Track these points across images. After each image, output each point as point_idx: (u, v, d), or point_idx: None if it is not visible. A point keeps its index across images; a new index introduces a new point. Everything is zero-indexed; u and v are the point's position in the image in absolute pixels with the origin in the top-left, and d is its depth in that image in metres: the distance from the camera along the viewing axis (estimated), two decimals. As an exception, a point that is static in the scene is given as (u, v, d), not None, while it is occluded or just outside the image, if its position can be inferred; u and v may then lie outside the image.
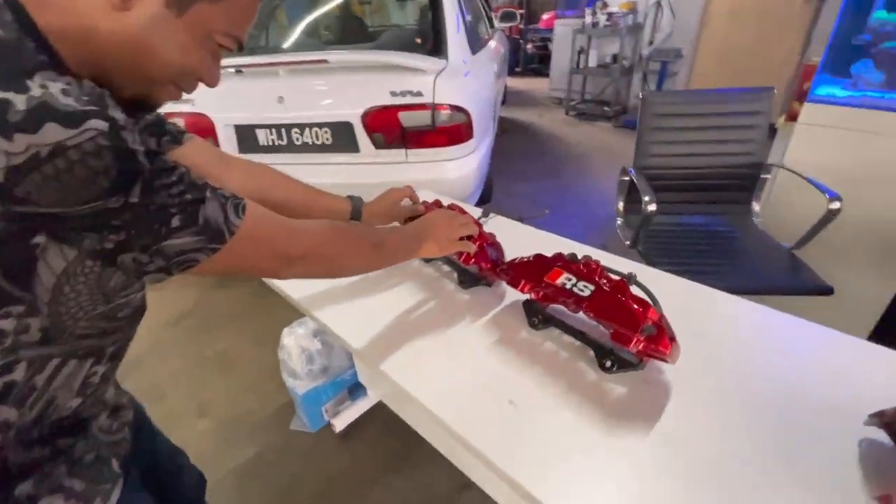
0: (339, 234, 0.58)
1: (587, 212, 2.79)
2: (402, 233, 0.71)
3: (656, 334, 0.59)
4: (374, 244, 0.64)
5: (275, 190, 0.75)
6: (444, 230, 0.76)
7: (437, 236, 0.75)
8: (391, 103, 1.69)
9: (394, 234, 0.69)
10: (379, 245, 0.64)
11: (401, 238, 0.70)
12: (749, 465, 0.56)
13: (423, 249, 0.74)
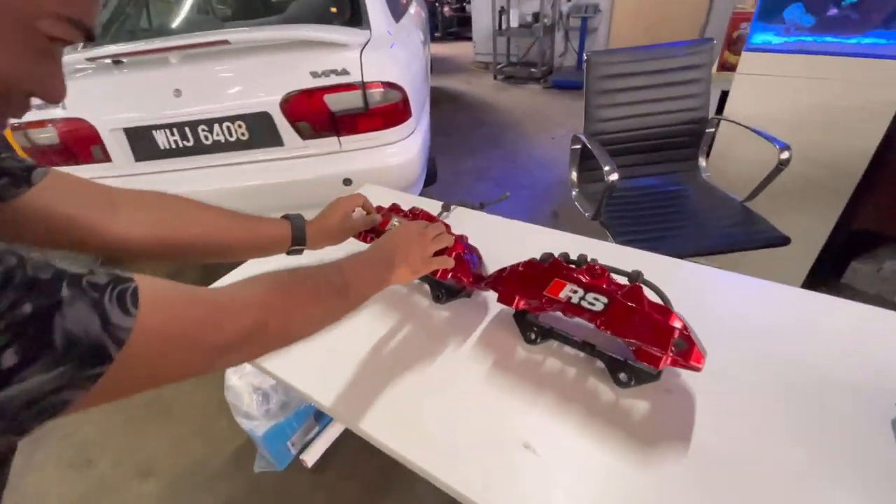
0: (286, 293, 0.42)
1: (534, 180, 2.73)
2: (365, 263, 0.56)
3: (687, 347, 0.50)
4: (336, 291, 0.49)
5: (185, 227, 0.56)
6: (416, 249, 0.62)
7: (409, 258, 0.61)
8: (314, 86, 1.47)
9: (357, 268, 0.54)
10: (342, 290, 0.49)
11: (366, 270, 0.55)
12: (791, 463, 0.50)
13: (395, 276, 0.60)
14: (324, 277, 0.48)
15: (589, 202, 1.51)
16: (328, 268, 0.50)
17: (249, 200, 1.62)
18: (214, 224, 0.59)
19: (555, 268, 0.60)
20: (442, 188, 2.58)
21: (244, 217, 0.63)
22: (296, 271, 0.46)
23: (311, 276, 0.47)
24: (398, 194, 1.22)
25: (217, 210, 0.61)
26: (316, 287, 0.46)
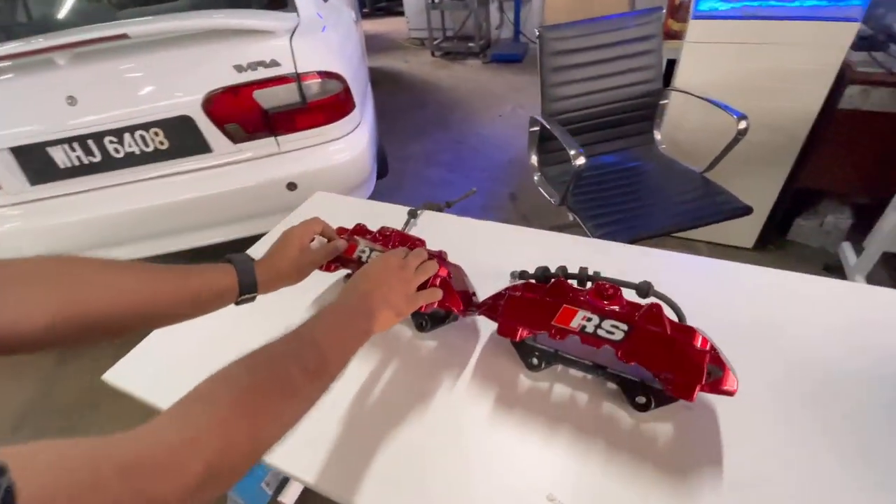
0: (249, 402, 0.32)
1: (486, 161, 2.66)
2: (341, 320, 0.45)
3: (721, 374, 0.45)
4: (312, 373, 0.38)
5: (96, 299, 0.42)
6: (398, 286, 0.52)
7: (391, 299, 0.51)
8: (239, 81, 1.29)
9: (333, 331, 0.43)
10: (319, 368, 0.39)
11: (343, 329, 0.45)
12: (832, 467, 0.47)
13: (377, 325, 0.49)
14: (295, 360, 0.37)
15: (553, 186, 1.46)
16: (298, 342, 0.39)
17: (178, 219, 1.42)
18: (135, 287, 0.46)
19: (559, 289, 0.53)
20: (393, 179, 2.45)
21: (173, 270, 0.50)
22: (255, 362, 0.35)
23: (278, 365, 0.36)
24: (355, 203, 1.10)
25: (136, 267, 0.47)
26: (287, 378, 0.36)
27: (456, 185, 2.48)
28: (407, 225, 0.90)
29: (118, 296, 0.44)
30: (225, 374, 0.33)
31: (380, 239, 0.65)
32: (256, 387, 0.33)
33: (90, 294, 0.43)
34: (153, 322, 0.48)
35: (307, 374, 0.37)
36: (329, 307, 0.47)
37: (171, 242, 1.47)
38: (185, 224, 1.44)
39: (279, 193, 1.43)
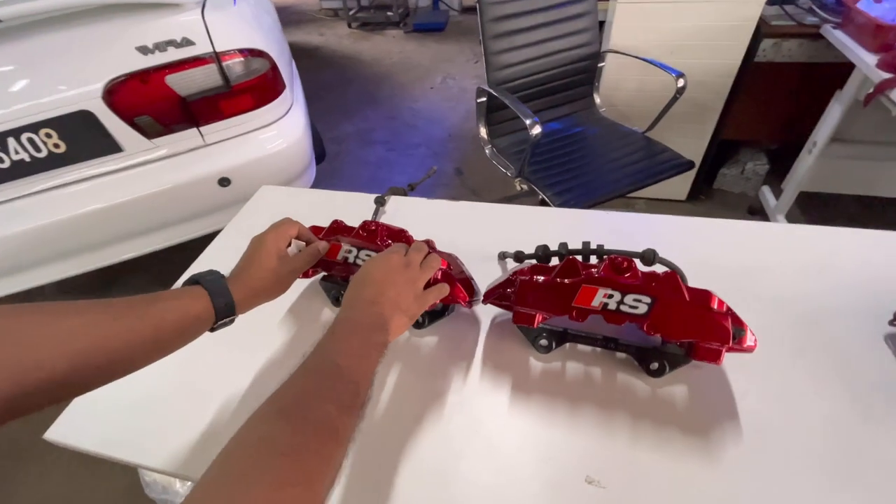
0: (293, 456, 0.26)
1: (424, 137, 2.58)
2: (357, 336, 0.40)
3: (744, 333, 0.46)
4: (347, 401, 0.33)
5: (39, 359, 0.33)
6: (405, 288, 0.46)
7: (401, 302, 0.45)
8: (147, 66, 1.11)
9: (356, 352, 0.37)
10: (352, 394, 0.33)
11: (362, 347, 0.39)
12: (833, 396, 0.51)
13: (393, 333, 0.44)
14: (330, 399, 0.31)
15: (505, 158, 1.44)
16: (324, 375, 0.33)
17: (88, 235, 1.22)
18: (86, 335, 0.36)
19: (571, 268, 0.50)
20: (328, 163, 2.30)
21: (131, 304, 0.41)
22: (287, 413, 0.29)
23: (315, 411, 0.30)
24: (308, 195, 1.00)
25: (84, 309, 0.38)
26: (328, 422, 0.30)
27: (397, 164, 2.39)
28: (376, 214, 0.84)
29: (67, 349, 0.35)
30: (256, 437, 0.26)
31: (364, 235, 0.58)
32: (299, 445, 0.27)
33: (30, 356, 0.33)
34: (113, 373, 0.39)
35: (345, 410, 0.32)
36: (340, 324, 0.41)
37: (86, 261, 1.26)
38: (100, 238, 1.24)
39: (211, 191, 1.28)
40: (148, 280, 1.77)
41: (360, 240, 0.57)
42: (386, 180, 2.28)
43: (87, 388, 0.37)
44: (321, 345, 0.38)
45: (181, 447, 0.54)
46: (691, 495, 0.46)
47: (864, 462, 0.47)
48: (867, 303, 0.61)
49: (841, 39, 1.29)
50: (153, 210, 1.23)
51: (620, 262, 0.49)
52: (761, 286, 0.66)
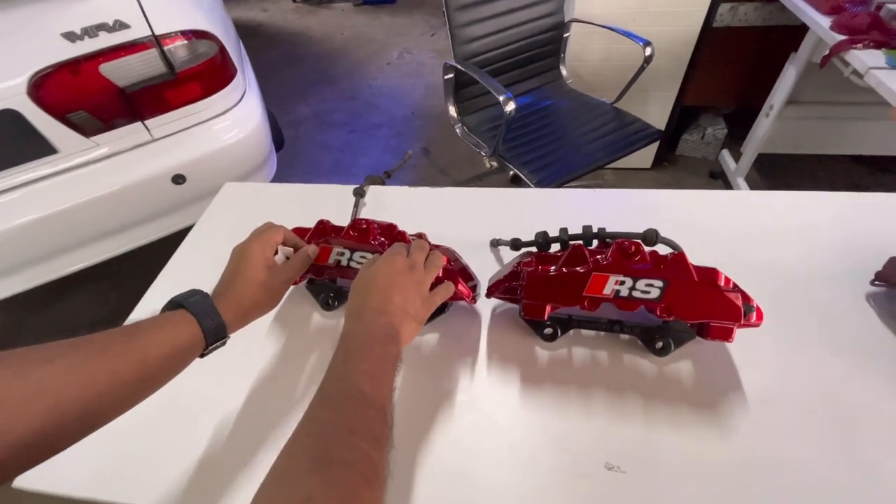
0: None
1: (386, 116, 2.49)
2: (372, 352, 0.37)
3: (754, 309, 0.46)
4: (377, 431, 0.30)
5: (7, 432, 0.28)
6: (412, 291, 0.43)
7: (409, 308, 0.42)
8: (76, 54, 0.98)
9: (371, 370, 0.35)
10: (381, 421, 0.31)
11: (380, 363, 0.36)
12: (824, 357, 0.54)
13: (404, 341, 0.42)
14: (361, 433, 0.28)
15: (477, 136, 1.40)
16: (349, 403, 0.30)
17: (27, 248, 1.10)
18: (60, 385, 0.31)
19: (578, 256, 0.49)
20: (287, 150, 2.18)
21: (109, 342, 0.36)
22: (317, 453, 0.26)
23: (349, 451, 0.27)
24: (278, 191, 0.93)
25: (55, 354, 0.32)
26: (365, 460, 0.27)
27: (360, 147, 2.30)
28: (357, 207, 0.79)
29: (43, 401, 0.30)
30: (288, 491, 0.23)
31: (355, 235, 0.54)
32: (339, 496, 0.24)
33: (13, 414, 0.28)
34: (98, 420, 0.34)
35: (378, 443, 0.29)
36: (352, 340, 0.37)
37: (29, 276, 1.14)
38: (42, 251, 1.12)
39: (164, 190, 1.18)
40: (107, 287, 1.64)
41: (351, 240, 0.53)
42: (350, 165, 2.19)
43: (69, 443, 0.32)
44: (337, 368, 0.34)
45: (174, 480, 0.50)
46: (709, 469, 0.46)
47: (859, 418, 0.49)
48: (847, 264, 0.64)
49: (795, 2, 1.32)
50: (102, 215, 1.12)
51: (628, 246, 0.48)
52: (745, 254, 0.67)
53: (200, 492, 0.49)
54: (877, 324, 0.58)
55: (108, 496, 0.50)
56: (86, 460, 0.52)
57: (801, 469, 0.46)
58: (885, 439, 0.48)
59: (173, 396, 0.47)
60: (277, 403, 0.56)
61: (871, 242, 0.64)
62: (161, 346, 0.38)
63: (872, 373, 0.53)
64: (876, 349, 0.55)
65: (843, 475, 0.45)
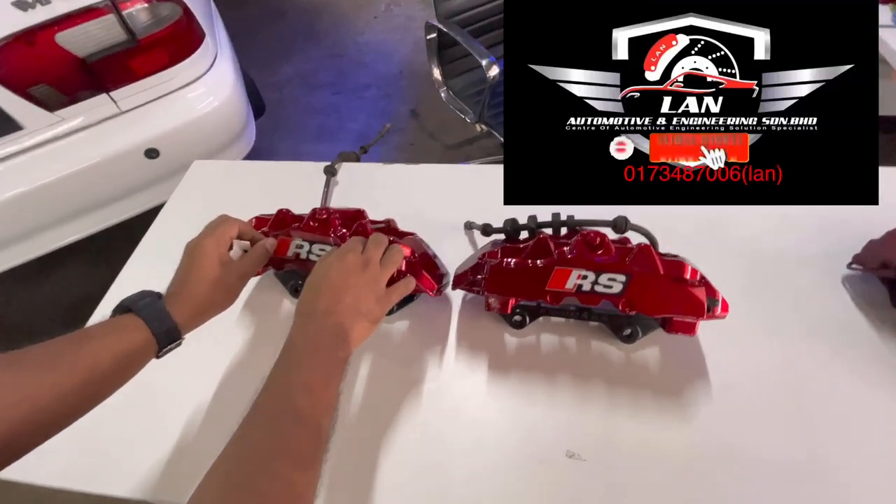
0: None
1: (373, 76, 2.38)
2: (315, 359, 0.36)
3: (718, 303, 0.45)
4: (305, 454, 0.30)
5: None
6: (365, 289, 0.42)
7: (362, 307, 0.42)
8: (29, 24, 0.92)
9: (311, 381, 0.34)
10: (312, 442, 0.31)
11: (321, 369, 0.36)
12: (796, 343, 0.54)
13: (355, 342, 0.41)
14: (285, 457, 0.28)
15: (462, 101, 1.34)
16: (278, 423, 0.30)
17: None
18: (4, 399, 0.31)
19: (542, 248, 0.48)
20: (271, 115, 2.11)
21: (54, 352, 0.35)
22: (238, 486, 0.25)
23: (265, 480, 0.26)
24: (248, 168, 0.90)
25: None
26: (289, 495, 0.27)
27: (347, 109, 2.22)
28: (328, 187, 0.77)
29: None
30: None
31: (315, 226, 0.52)
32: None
33: None
34: (48, 431, 0.34)
35: (304, 464, 0.29)
36: (295, 346, 0.37)
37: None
38: (13, 232, 1.10)
39: (138, 166, 1.15)
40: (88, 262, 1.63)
41: (311, 232, 0.52)
42: (336, 129, 2.13)
43: (17, 456, 0.33)
44: (274, 380, 0.34)
45: (150, 469, 0.51)
46: (666, 457, 0.47)
47: (824, 405, 0.50)
48: (823, 245, 0.62)
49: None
50: (76, 192, 1.10)
51: (593, 237, 0.47)
52: (721, 232, 0.66)
53: (174, 481, 0.51)
54: (851, 308, 0.57)
55: (84, 486, 0.51)
56: (60, 451, 0.53)
57: (758, 456, 0.47)
58: (848, 425, 0.48)
59: (146, 386, 0.48)
60: (248, 391, 0.56)
61: (851, 222, 0.62)
62: (110, 354, 0.37)
63: (843, 359, 0.53)
64: (848, 335, 0.54)
65: (801, 463, 0.46)
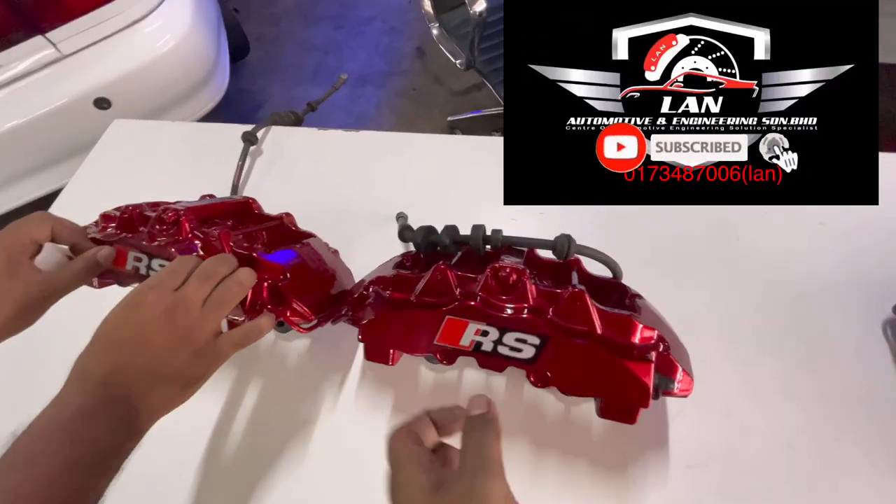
0: None
1: (378, 7, 2.12)
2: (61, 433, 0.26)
3: (672, 386, 0.31)
4: None
5: None
6: (171, 346, 0.30)
7: (164, 369, 0.30)
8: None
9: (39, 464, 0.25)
10: None
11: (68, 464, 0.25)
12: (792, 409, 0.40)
13: (157, 412, 0.30)
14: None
15: (456, 41, 1.14)
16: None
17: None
18: None
19: (440, 285, 0.34)
20: (265, 53, 1.93)
21: None
22: None
23: None
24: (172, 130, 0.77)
25: None
26: None
27: (347, 46, 2.01)
28: (243, 160, 0.64)
29: None
30: None
31: (161, 231, 0.40)
32: None
33: None
34: None
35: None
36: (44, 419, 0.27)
37: None
38: None
39: (87, 118, 1.04)
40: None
41: (152, 241, 0.39)
42: (334, 70, 1.93)
43: None
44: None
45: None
46: None
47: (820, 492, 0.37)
48: (860, 277, 0.46)
49: None
50: (14, 154, 1.01)
51: (507, 275, 0.33)
52: (727, 250, 0.50)
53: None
54: (889, 366, 0.42)
55: None
56: None
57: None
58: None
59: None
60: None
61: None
62: None
63: (878, 437, 0.39)
64: (880, 402, 0.40)
65: None
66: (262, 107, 1.84)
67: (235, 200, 0.47)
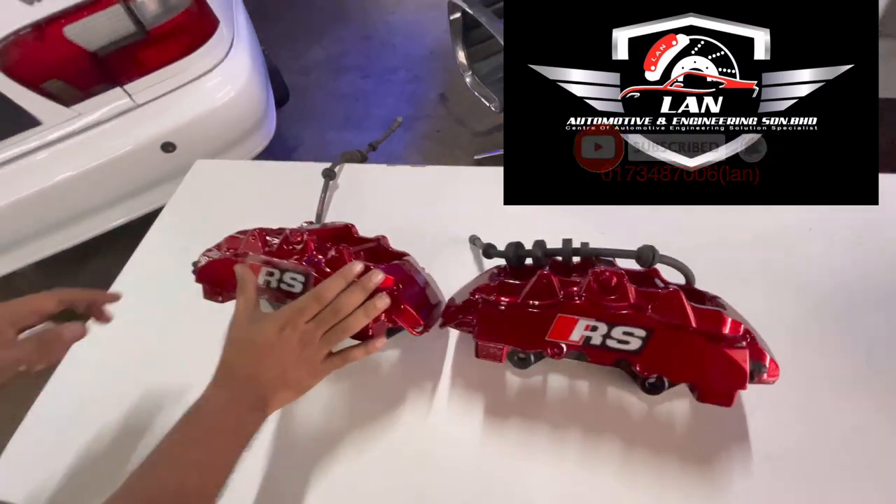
0: None
1: (403, 58, 2.29)
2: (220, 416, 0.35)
3: (765, 369, 0.36)
4: None
5: None
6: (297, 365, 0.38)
7: (290, 378, 0.38)
8: (37, 18, 0.91)
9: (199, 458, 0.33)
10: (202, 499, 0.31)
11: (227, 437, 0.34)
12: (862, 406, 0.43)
13: (272, 407, 0.38)
14: None
15: (489, 87, 1.24)
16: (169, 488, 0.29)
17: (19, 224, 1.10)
18: None
19: (545, 289, 0.39)
20: (297, 102, 2.06)
21: None
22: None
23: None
24: (248, 169, 0.85)
25: None
26: None
27: (374, 94, 2.15)
28: (325, 192, 0.70)
29: None
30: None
31: (289, 251, 0.46)
32: None
33: None
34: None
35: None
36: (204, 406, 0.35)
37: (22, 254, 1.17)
38: (24, 232, 1.12)
39: (154, 159, 1.13)
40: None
41: (282, 259, 0.45)
42: (363, 117, 2.06)
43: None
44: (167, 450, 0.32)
45: None
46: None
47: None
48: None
49: None
50: (90, 192, 1.10)
51: (608, 277, 0.38)
52: (780, 265, 0.55)
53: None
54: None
55: None
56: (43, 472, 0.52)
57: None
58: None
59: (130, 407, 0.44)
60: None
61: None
62: None
63: None
64: None
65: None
66: (297, 149, 1.96)
67: (337, 226, 0.53)
